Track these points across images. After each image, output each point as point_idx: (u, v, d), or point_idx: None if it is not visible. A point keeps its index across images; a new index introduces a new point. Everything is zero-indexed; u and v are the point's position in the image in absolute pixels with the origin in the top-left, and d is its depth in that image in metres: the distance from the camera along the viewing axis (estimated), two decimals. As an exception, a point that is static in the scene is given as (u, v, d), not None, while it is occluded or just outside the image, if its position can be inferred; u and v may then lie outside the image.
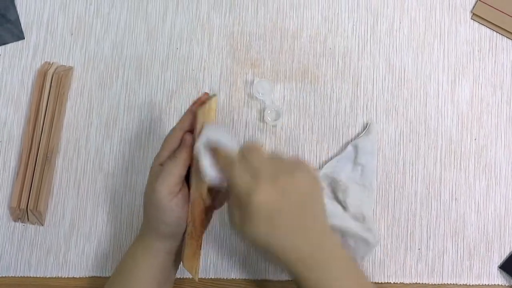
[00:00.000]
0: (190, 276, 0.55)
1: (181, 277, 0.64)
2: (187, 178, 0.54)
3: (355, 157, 0.65)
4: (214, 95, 0.54)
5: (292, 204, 0.49)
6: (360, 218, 0.62)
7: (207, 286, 0.65)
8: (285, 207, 0.49)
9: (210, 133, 0.51)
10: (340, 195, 0.63)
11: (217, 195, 0.56)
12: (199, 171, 0.52)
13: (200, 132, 0.52)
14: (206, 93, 0.55)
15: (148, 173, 0.66)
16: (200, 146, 0.51)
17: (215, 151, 0.51)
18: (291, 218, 0.49)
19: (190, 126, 0.55)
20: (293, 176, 0.50)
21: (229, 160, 0.50)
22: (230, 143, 0.52)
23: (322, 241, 0.50)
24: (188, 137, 0.54)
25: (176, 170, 0.53)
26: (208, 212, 0.55)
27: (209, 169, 0.51)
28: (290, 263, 0.49)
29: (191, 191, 0.53)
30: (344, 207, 0.63)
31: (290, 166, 0.51)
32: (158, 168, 0.54)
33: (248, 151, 0.51)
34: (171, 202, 0.52)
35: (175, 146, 0.55)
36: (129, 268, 0.56)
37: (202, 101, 0.54)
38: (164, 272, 0.56)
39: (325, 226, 0.52)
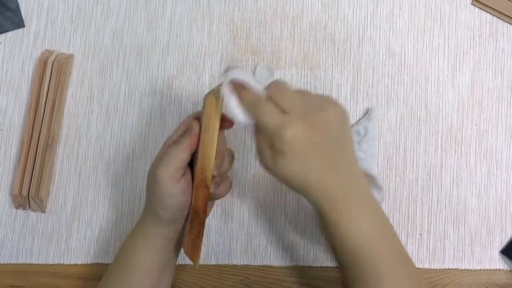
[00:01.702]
0: (191, 263, 0.55)
1: (182, 263, 0.64)
2: (191, 166, 0.54)
3: (357, 143, 0.65)
4: (220, 85, 0.54)
5: (324, 140, 0.49)
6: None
7: (209, 272, 0.65)
8: (317, 143, 0.48)
9: (235, 73, 0.50)
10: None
11: (220, 184, 0.56)
12: (204, 157, 0.52)
13: (224, 75, 0.51)
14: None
15: (149, 160, 0.66)
16: (225, 85, 0.50)
17: (240, 91, 0.50)
18: (323, 155, 0.49)
19: None
20: (324, 112, 0.49)
21: (256, 97, 0.49)
22: (255, 83, 0.50)
23: (350, 181, 0.50)
24: (195, 124, 0.53)
25: (179, 155, 0.52)
26: (210, 200, 0.55)
27: (236, 110, 0.50)
28: (317, 199, 0.49)
29: (195, 177, 0.53)
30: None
31: (319, 102, 0.50)
32: (164, 151, 0.54)
33: (275, 87, 0.50)
34: (173, 187, 0.52)
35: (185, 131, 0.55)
36: (129, 254, 0.56)
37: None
38: (164, 258, 0.56)
39: (354, 165, 0.52)
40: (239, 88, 0.50)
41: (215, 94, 0.52)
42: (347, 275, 0.51)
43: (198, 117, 0.55)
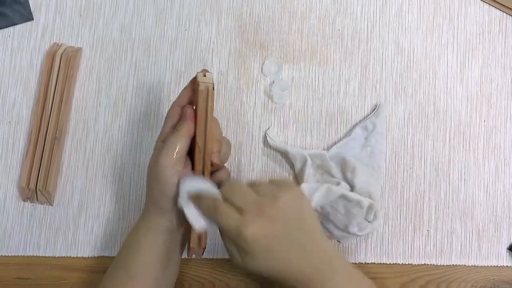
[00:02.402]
0: (197, 257, 0.55)
1: (188, 257, 0.64)
2: (191, 155, 0.55)
3: (364, 138, 0.65)
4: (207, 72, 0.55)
5: (284, 228, 0.50)
6: (367, 197, 0.62)
7: (216, 266, 0.65)
8: (278, 233, 0.49)
9: (187, 186, 0.52)
10: (349, 175, 0.63)
11: (218, 172, 0.56)
12: (202, 140, 0.53)
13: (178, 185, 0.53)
14: (204, 70, 0.55)
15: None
16: (181, 200, 0.52)
17: (196, 199, 0.52)
18: (288, 244, 0.50)
19: (188, 100, 0.56)
20: (278, 200, 0.50)
21: (212, 203, 0.51)
22: (210, 188, 0.52)
23: (322, 259, 0.51)
24: (188, 110, 0.54)
25: (178, 142, 0.53)
26: None
27: (196, 219, 0.52)
28: (294, 283, 0.50)
29: (195, 164, 0.54)
30: (352, 187, 0.62)
31: (272, 190, 0.51)
32: (161, 144, 0.54)
33: (228, 189, 0.51)
34: (174, 175, 0.52)
35: (175, 121, 0.55)
36: (132, 247, 0.56)
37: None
38: (167, 252, 0.56)
39: (322, 242, 0.52)
40: (196, 196, 0.52)
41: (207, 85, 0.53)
42: None
43: (181, 103, 0.56)
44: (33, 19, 0.70)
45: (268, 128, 0.66)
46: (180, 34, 0.69)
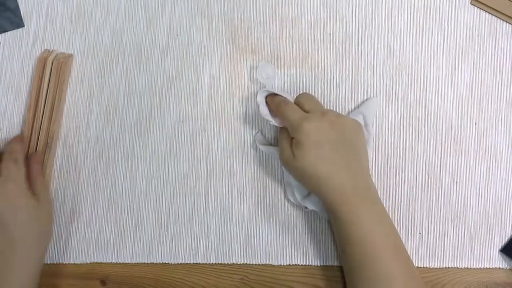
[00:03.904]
0: (190, 262, 0.54)
1: (182, 262, 0.64)
2: None
3: None
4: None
5: (340, 138, 0.55)
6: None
7: (209, 271, 0.65)
8: (333, 138, 0.55)
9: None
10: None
11: None
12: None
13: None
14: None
15: (148, 160, 0.66)
16: (260, 95, 0.62)
17: (271, 97, 0.61)
18: (338, 151, 0.55)
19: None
20: (342, 117, 0.57)
21: (284, 101, 0.59)
22: (283, 93, 0.61)
23: (361, 181, 0.56)
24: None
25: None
26: None
27: (266, 112, 0.62)
28: (328, 193, 0.55)
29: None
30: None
31: (340, 115, 0.58)
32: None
33: (302, 96, 0.60)
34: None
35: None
36: None
37: None
38: None
39: (366, 169, 0.58)
40: (272, 95, 0.62)
41: None
42: (353, 276, 0.53)
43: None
44: (23, 26, 0.70)
45: (257, 132, 0.66)
46: (171, 39, 0.69)
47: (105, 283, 0.64)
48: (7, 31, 0.69)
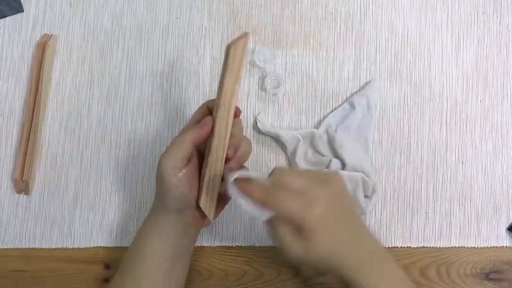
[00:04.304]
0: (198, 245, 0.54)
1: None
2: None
3: (353, 111, 0.64)
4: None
5: (341, 210, 0.50)
6: (361, 173, 0.61)
7: (214, 254, 0.64)
8: (338, 214, 0.49)
9: (238, 172, 0.49)
10: (338, 151, 0.62)
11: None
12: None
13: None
14: None
15: (150, 143, 0.66)
16: (231, 188, 0.49)
17: (248, 188, 0.49)
18: (344, 226, 0.50)
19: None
20: (331, 182, 0.50)
21: (266, 188, 0.48)
22: (259, 176, 0.49)
23: (370, 246, 0.52)
24: (208, 120, 0.52)
25: (181, 147, 0.52)
26: (220, 202, 0.55)
27: (250, 207, 0.48)
28: (344, 270, 0.50)
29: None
30: (343, 163, 0.62)
31: (321, 175, 0.51)
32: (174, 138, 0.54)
33: (281, 174, 0.49)
34: (174, 177, 0.51)
35: (200, 119, 0.54)
36: (140, 245, 0.56)
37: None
38: (175, 250, 0.55)
39: (366, 229, 0.53)
40: (247, 183, 0.49)
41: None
42: None
43: (211, 105, 0.54)
44: (23, 11, 0.69)
45: (258, 114, 0.66)
46: (172, 21, 0.69)
47: (109, 267, 0.64)
48: (7, 16, 0.69)
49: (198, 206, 0.53)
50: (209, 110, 0.55)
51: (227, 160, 0.53)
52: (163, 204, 0.54)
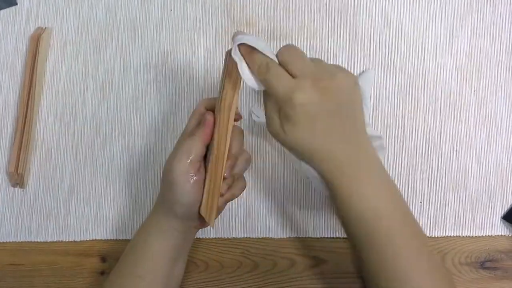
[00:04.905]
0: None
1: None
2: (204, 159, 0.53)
3: None
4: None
5: (334, 105, 0.47)
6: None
7: (209, 246, 0.64)
8: (327, 107, 0.47)
9: (244, 38, 0.48)
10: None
11: (233, 185, 0.54)
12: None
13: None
14: None
15: (145, 136, 0.66)
16: (235, 50, 0.48)
17: (250, 55, 0.48)
18: (332, 121, 0.47)
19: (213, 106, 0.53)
20: (335, 77, 0.47)
21: (266, 61, 0.47)
22: (266, 47, 0.48)
23: (359, 149, 0.49)
24: (208, 116, 0.52)
25: (193, 148, 0.51)
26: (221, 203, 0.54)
27: (247, 73, 0.48)
28: (324, 167, 0.48)
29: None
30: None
31: (331, 68, 0.48)
32: (178, 145, 0.53)
33: (286, 53, 0.48)
34: (187, 182, 0.51)
35: (200, 120, 0.53)
36: (141, 246, 0.55)
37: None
38: (177, 251, 0.55)
39: (363, 133, 0.50)
40: (249, 52, 0.48)
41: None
42: (360, 247, 0.49)
43: (207, 104, 0.54)
44: (16, 4, 0.69)
45: (253, 105, 0.66)
46: (166, 14, 0.69)
47: (105, 260, 0.64)
48: (0, 9, 0.69)
49: (198, 212, 0.53)
50: (207, 110, 0.54)
51: (223, 179, 0.53)
52: (169, 209, 0.53)
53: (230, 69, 0.49)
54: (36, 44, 0.66)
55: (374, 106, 0.66)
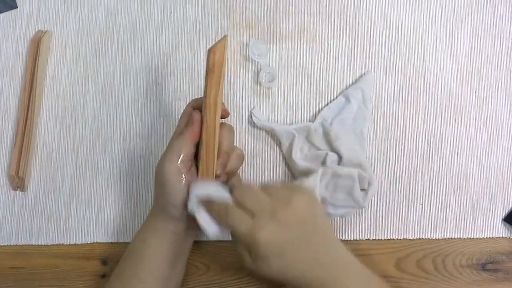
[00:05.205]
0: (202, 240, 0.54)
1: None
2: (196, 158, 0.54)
3: (348, 104, 0.64)
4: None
5: (298, 232, 0.49)
6: (357, 166, 0.61)
7: (210, 249, 0.64)
8: (291, 237, 0.49)
9: (198, 190, 0.51)
10: (334, 144, 0.62)
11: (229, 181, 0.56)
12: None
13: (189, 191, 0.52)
14: None
15: (146, 138, 0.66)
16: (192, 205, 0.51)
17: (208, 205, 0.51)
18: (301, 247, 0.49)
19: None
20: (291, 203, 0.49)
21: (223, 208, 0.50)
22: (221, 193, 0.51)
23: (335, 260, 0.50)
24: (196, 115, 0.53)
25: (182, 147, 0.52)
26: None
27: (208, 225, 0.51)
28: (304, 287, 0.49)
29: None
30: (340, 156, 0.62)
31: (285, 193, 0.50)
32: (172, 142, 0.54)
33: (240, 193, 0.50)
34: (179, 182, 0.51)
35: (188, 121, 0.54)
36: (139, 249, 0.55)
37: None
38: (175, 253, 0.56)
39: (335, 244, 0.52)
40: (206, 201, 0.51)
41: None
42: None
43: (196, 105, 0.55)
44: (17, 7, 0.69)
45: (253, 108, 0.66)
46: (166, 16, 0.69)
47: (106, 263, 0.64)
48: (1, 12, 0.69)
49: None
50: (194, 109, 0.55)
51: (216, 177, 0.53)
52: (164, 211, 0.54)
53: (212, 67, 0.51)
54: (36, 47, 0.66)
55: (375, 108, 0.66)
